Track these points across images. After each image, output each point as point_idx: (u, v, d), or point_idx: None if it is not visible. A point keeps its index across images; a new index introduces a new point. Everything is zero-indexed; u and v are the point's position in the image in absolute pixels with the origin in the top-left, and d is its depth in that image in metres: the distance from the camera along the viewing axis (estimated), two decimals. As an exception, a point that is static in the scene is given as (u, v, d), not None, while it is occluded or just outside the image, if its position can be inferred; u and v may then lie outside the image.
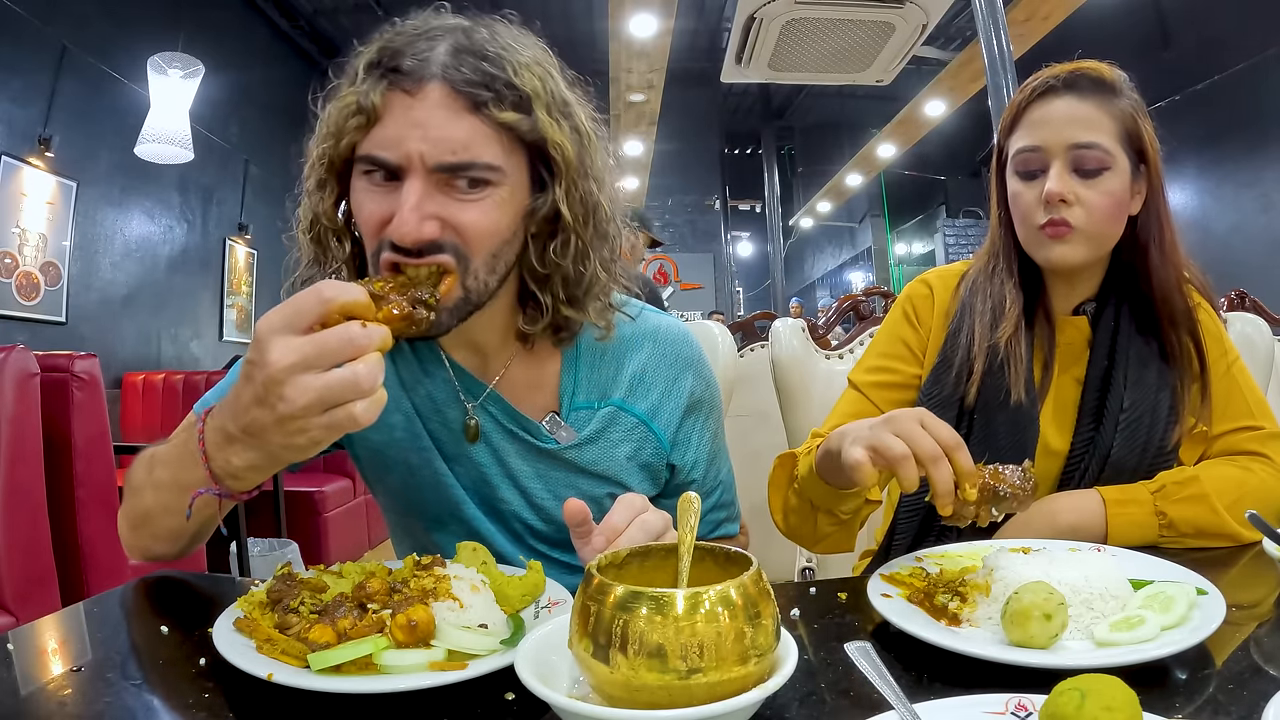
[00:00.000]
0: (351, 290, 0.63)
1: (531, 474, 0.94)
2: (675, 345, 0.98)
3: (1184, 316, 1.02)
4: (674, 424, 0.97)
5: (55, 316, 4.38)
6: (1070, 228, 0.98)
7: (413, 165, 0.76)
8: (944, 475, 0.73)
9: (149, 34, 4.81)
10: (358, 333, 0.61)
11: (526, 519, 0.95)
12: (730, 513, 1.08)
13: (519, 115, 0.79)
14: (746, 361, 1.71)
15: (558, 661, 0.56)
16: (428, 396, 0.94)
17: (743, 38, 5.38)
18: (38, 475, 1.89)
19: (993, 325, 1.03)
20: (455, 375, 0.93)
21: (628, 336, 0.96)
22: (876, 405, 1.10)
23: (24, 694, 0.60)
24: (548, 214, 0.84)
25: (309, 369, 0.60)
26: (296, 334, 0.61)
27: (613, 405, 0.94)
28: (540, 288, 0.87)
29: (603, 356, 0.95)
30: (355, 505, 4.07)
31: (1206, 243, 6.12)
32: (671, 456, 0.98)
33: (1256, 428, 1.02)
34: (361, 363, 0.61)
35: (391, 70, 0.77)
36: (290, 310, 0.61)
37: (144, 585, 0.88)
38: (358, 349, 0.61)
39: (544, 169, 0.83)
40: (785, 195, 12.50)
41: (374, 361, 0.61)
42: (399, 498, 0.99)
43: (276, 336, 0.61)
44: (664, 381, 0.97)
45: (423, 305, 0.71)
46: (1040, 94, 1.01)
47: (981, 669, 0.59)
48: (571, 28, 8.30)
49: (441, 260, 0.78)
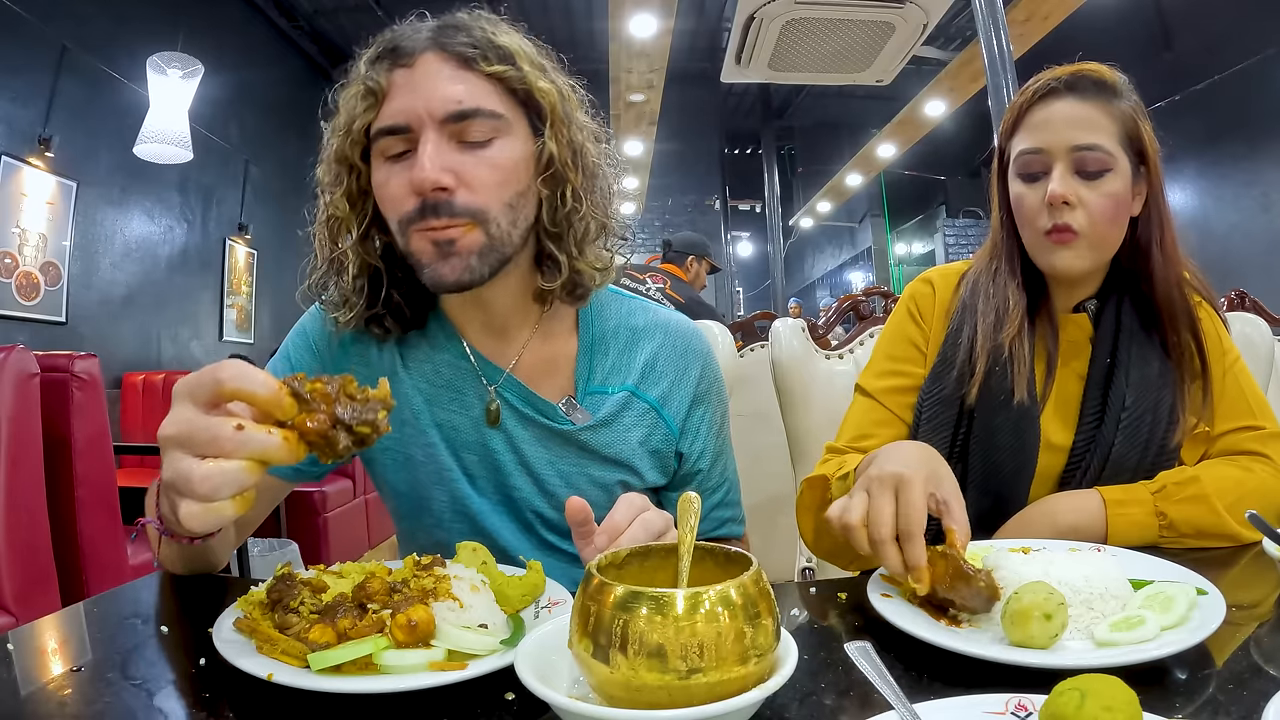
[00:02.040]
0: (254, 380, 0.58)
1: (544, 460, 0.95)
2: (685, 338, 1.02)
3: (1185, 316, 1.02)
4: (683, 412, 0.99)
5: (55, 316, 4.38)
6: (1075, 234, 0.98)
7: (423, 122, 0.83)
8: (890, 559, 0.71)
9: (149, 34, 4.81)
10: (225, 433, 0.56)
11: (538, 507, 0.96)
12: (736, 514, 1.08)
13: (505, 66, 0.87)
14: (746, 361, 1.71)
15: (558, 661, 0.56)
16: (444, 385, 0.95)
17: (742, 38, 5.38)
18: (38, 475, 1.89)
19: (996, 326, 1.03)
20: (475, 361, 0.95)
21: (640, 327, 1.00)
22: (890, 410, 1.10)
23: (24, 694, 0.60)
24: (544, 163, 0.89)
25: (178, 446, 0.57)
26: (196, 406, 0.58)
27: (626, 390, 0.97)
28: (556, 245, 0.92)
29: (616, 344, 0.98)
30: (355, 505, 4.07)
31: (1206, 243, 6.11)
32: (680, 444, 1.00)
33: (1257, 428, 1.03)
34: (209, 464, 0.56)
35: (389, 54, 0.86)
36: (195, 381, 0.59)
37: (144, 585, 0.88)
38: (220, 449, 0.56)
39: (537, 119, 0.90)
40: (785, 195, 12.49)
41: (224, 469, 0.56)
42: (404, 499, 0.99)
43: (179, 402, 0.59)
44: (674, 371, 0.99)
45: (346, 430, 0.60)
46: (1042, 96, 1.01)
47: (981, 669, 0.59)
48: (571, 28, 8.30)
49: (461, 223, 0.84)
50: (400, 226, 0.86)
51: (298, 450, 0.59)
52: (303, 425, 0.59)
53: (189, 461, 0.57)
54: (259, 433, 0.57)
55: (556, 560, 0.96)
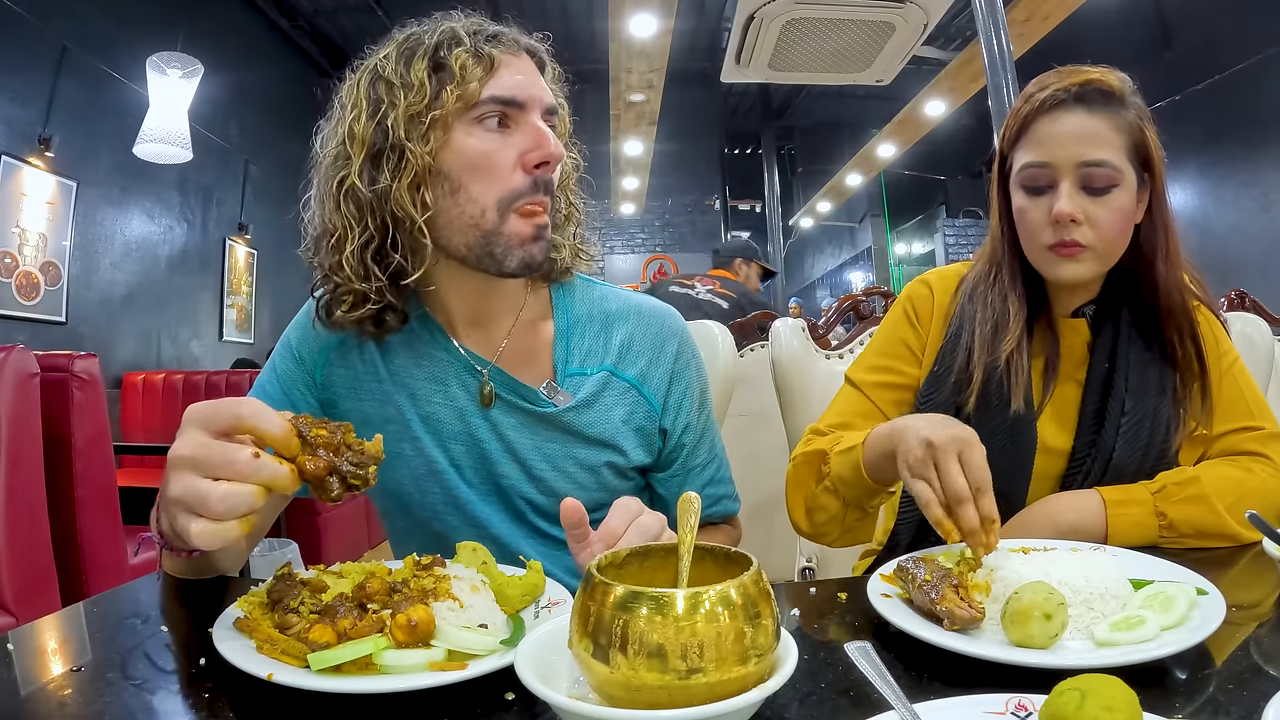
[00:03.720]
0: (270, 420, 0.63)
1: (530, 446, 0.97)
2: (659, 318, 1.05)
3: (1184, 320, 1.02)
4: (663, 389, 1.02)
5: (55, 316, 4.38)
6: (1082, 247, 0.98)
7: (532, 104, 0.90)
8: (969, 518, 0.75)
9: (149, 34, 4.81)
10: (242, 459, 0.61)
11: (527, 493, 0.98)
12: (728, 490, 1.09)
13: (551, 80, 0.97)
14: (746, 361, 1.71)
15: (558, 661, 0.56)
16: (427, 379, 0.97)
17: (742, 38, 5.37)
18: (38, 475, 1.89)
19: (994, 337, 1.03)
20: (463, 353, 0.98)
21: (613, 311, 1.03)
22: (876, 404, 1.11)
23: (24, 694, 0.60)
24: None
25: (192, 468, 0.62)
26: (208, 432, 0.63)
27: (605, 370, 1.00)
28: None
29: (591, 328, 1.02)
30: (355, 505, 4.07)
31: (1206, 243, 6.11)
32: (663, 421, 1.02)
33: (1256, 428, 1.02)
34: (225, 486, 0.61)
35: (494, 36, 0.91)
36: (210, 409, 0.63)
37: (144, 585, 0.88)
38: (235, 472, 0.61)
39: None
40: (785, 195, 12.47)
41: (239, 492, 0.61)
42: (395, 498, 1.00)
43: (191, 427, 0.63)
44: (650, 349, 1.02)
45: (339, 477, 0.65)
46: (1049, 108, 0.99)
47: (981, 669, 0.59)
48: (571, 28, 8.30)
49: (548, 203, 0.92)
50: (503, 202, 0.88)
51: (296, 484, 0.64)
52: (303, 465, 0.64)
53: (205, 483, 0.61)
54: (272, 462, 0.62)
55: (548, 548, 0.98)
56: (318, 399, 1.01)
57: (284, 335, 1.05)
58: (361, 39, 0.89)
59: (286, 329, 1.05)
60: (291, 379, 1.01)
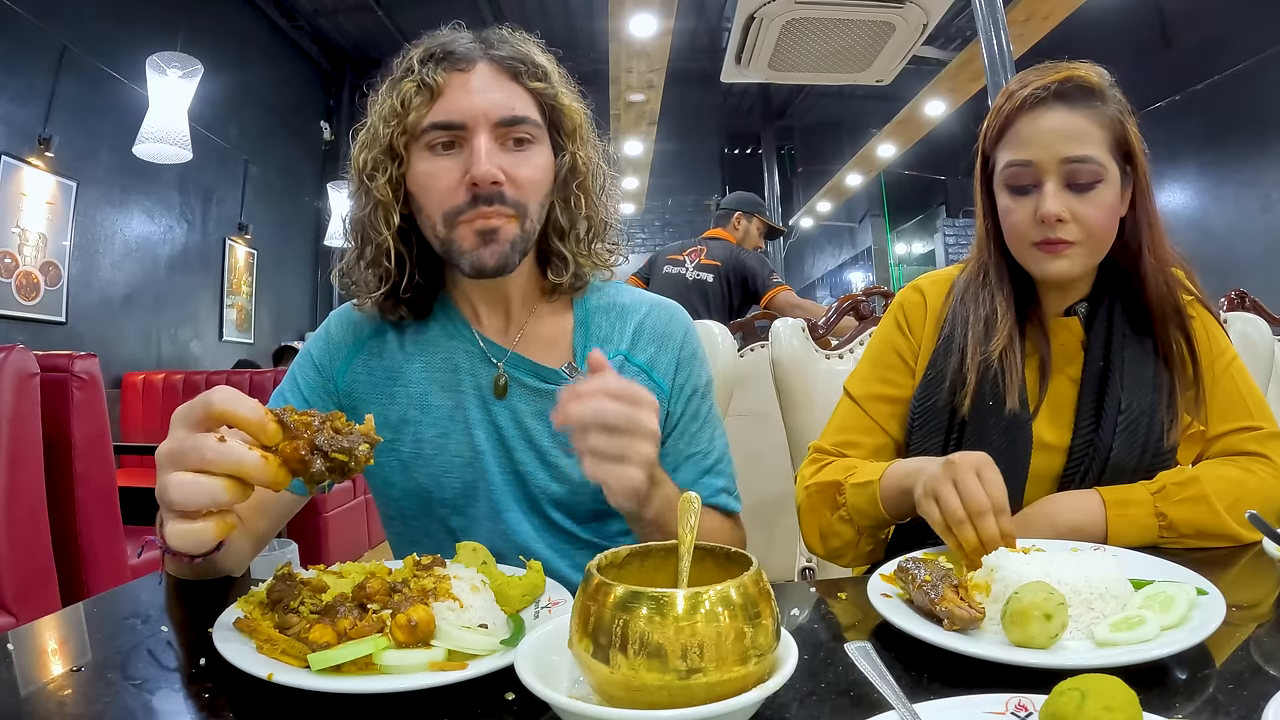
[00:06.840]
0: (243, 404, 0.64)
1: (545, 432, 1.00)
2: (669, 310, 1.10)
3: (1175, 314, 1.02)
4: (670, 374, 1.05)
5: (55, 316, 4.38)
6: (1068, 244, 0.98)
7: (478, 123, 0.92)
8: (990, 529, 0.78)
9: (148, 34, 4.81)
10: (207, 445, 0.62)
11: (541, 482, 1.00)
12: (729, 485, 1.10)
13: (543, 84, 0.97)
14: (746, 361, 1.71)
15: (558, 661, 0.56)
16: (452, 370, 1.01)
17: (742, 38, 5.36)
18: (38, 475, 1.89)
19: (985, 337, 1.03)
20: (482, 344, 1.02)
21: (628, 303, 1.09)
22: (873, 419, 1.12)
23: (24, 694, 0.60)
24: (565, 173, 1.00)
25: (172, 464, 0.63)
26: (188, 428, 0.64)
27: (620, 355, 1.04)
28: (563, 241, 1.03)
29: (607, 318, 1.07)
30: (355, 505, 4.07)
31: (1206, 243, 6.10)
32: (670, 404, 1.05)
33: (1256, 428, 1.02)
34: (181, 475, 0.62)
35: (445, 57, 0.95)
36: (188, 405, 0.65)
37: (144, 585, 0.88)
38: (201, 459, 0.62)
39: (557, 134, 1.00)
40: (785, 195, 12.46)
41: (195, 481, 0.62)
42: (413, 498, 1.01)
43: (175, 426, 0.65)
44: (659, 337, 1.06)
45: (323, 457, 0.64)
46: (1031, 105, 0.99)
47: (981, 669, 0.59)
48: (571, 28, 8.30)
49: (506, 214, 0.93)
50: (447, 217, 0.93)
51: (279, 474, 0.63)
52: (284, 450, 0.64)
53: (169, 475, 0.62)
54: (239, 446, 0.62)
55: (560, 541, 1.00)
56: (339, 405, 1.04)
57: (303, 348, 1.09)
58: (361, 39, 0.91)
59: (326, 319, 1.10)
60: (311, 387, 1.05)
